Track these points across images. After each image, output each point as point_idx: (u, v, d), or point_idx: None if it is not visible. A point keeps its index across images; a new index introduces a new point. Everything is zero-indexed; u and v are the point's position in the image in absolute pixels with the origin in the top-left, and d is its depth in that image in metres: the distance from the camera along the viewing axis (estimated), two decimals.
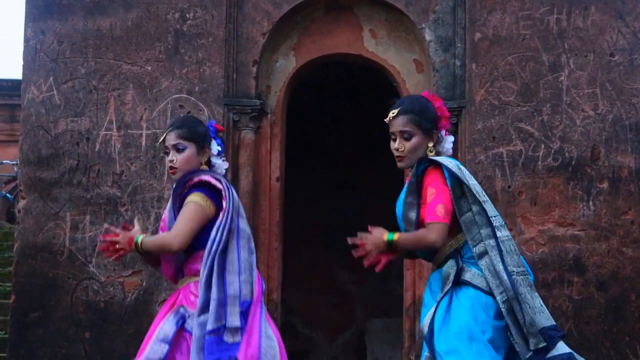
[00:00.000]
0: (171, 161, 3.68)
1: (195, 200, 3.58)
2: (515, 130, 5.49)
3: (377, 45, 6.02)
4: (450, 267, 3.35)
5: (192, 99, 5.63)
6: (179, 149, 3.67)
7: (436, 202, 3.32)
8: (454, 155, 5.56)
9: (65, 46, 5.77)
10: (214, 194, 3.62)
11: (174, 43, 5.71)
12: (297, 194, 7.22)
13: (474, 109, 5.52)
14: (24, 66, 5.83)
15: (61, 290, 5.61)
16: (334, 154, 9.07)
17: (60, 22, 5.79)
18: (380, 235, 3.42)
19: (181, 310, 3.56)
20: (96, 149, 5.68)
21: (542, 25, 5.58)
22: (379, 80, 6.68)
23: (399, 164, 3.53)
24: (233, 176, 5.69)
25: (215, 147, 3.78)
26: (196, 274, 3.57)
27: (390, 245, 3.39)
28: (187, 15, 5.73)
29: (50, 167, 5.70)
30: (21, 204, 5.74)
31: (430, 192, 3.35)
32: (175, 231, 3.54)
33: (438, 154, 3.48)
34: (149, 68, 5.70)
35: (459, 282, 3.32)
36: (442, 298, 3.31)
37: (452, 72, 5.75)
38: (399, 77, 5.98)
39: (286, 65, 6.04)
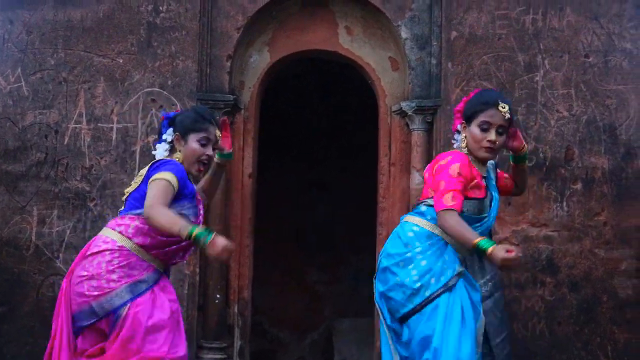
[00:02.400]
0: (211, 157, 3.82)
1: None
2: None
3: (352, 42, 5.98)
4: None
5: (165, 93, 5.53)
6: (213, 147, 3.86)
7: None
8: (429, 155, 5.60)
9: (34, 36, 5.65)
10: None
11: (147, 36, 5.62)
12: (266, 192, 7.15)
13: (449, 107, 5.49)
14: None
15: (27, 285, 5.49)
16: (305, 152, 9.01)
17: (30, 11, 5.67)
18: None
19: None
20: (65, 142, 5.56)
21: (517, 25, 5.57)
22: (352, 78, 6.65)
23: (487, 155, 3.78)
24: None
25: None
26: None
27: None
28: (160, 8, 5.63)
29: (17, 160, 5.58)
30: None
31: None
32: None
33: None
34: (121, 61, 5.60)
35: None
36: None
37: (428, 71, 5.72)
38: (374, 75, 5.94)
39: (260, 60, 5.97)
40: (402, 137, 5.81)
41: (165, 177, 3.60)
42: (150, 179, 3.64)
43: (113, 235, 3.68)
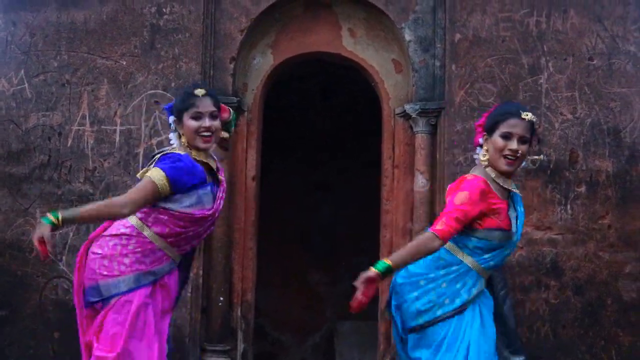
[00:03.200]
0: (209, 128, 3.72)
1: None
2: None
3: (355, 45, 5.97)
4: None
5: (168, 95, 5.51)
6: (214, 116, 3.77)
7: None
8: (433, 157, 5.59)
9: (37, 38, 5.64)
10: None
11: (150, 38, 5.61)
12: (269, 194, 7.14)
13: (453, 110, 5.49)
14: None
15: (30, 288, 5.49)
16: (308, 154, 9.00)
17: (33, 13, 5.67)
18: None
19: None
20: (68, 145, 5.56)
21: (521, 28, 5.56)
22: (356, 80, 6.64)
23: (509, 167, 3.68)
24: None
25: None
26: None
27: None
28: (164, 10, 5.63)
29: (20, 162, 5.57)
30: None
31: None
32: None
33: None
34: (124, 63, 5.59)
35: None
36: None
37: (432, 73, 5.70)
38: (378, 77, 5.93)
39: (263, 62, 5.96)
40: (405, 140, 5.80)
41: (152, 175, 3.63)
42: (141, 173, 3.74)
43: (133, 221, 3.72)
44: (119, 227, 3.73)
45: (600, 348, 5.38)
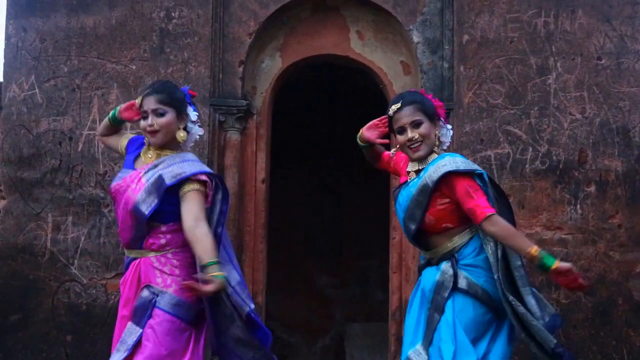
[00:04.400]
0: (151, 125, 3.59)
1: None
2: (503, 133, 5.48)
3: (364, 47, 5.99)
4: (446, 272, 3.48)
5: None
6: (159, 114, 3.61)
7: (483, 197, 3.45)
8: None
9: (47, 44, 5.68)
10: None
11: (159, 42, 5.64)
12: (276, 197, 7.16)
13: (462, 111, 5.50)
14: (5, 64, 5.73)
15: (42, 292, 5.51)
16: (315, 156, 9.02)
17: (43, 19, 5.70)
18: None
19: (145, 293, 3.52)
20: (79, 149, 5.59)
21: (529, 28, 5.57)
22: (361, 82, 6.66)
23: (417, 154, 3.61)
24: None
25: (192, 114, 3.76)
26: (157, 249, 3.55)
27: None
28: (173, 14, 5.66)
29: (31, 167, 5.61)
30: (1, 204, 5.63)
31: (467, 193, 3.45)
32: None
33: (441, 143, 3.65)
34: (134, 67, 5.62)
35: (455, 287, 3.45)
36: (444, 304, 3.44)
37: (440, 74, 5.72)
38: (386, 79, 5.94)
39: (272, 65, 5.99)
40: None
41: None
42: None
43: None
44: None
45: (612, 348, 5.38)
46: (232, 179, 5.68)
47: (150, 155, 3.66)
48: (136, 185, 3.55)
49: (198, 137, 3.82)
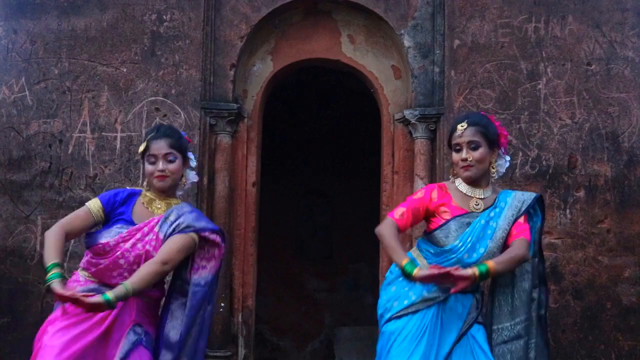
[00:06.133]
0: (162, 170, 3.63)
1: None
2: None
3: (355, 51, 6.00)
4: (474, 305, 3.69)
5: (168, 101, 5.54)
6: (170, 160, 3.66)
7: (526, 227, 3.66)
8: (432, 163, 5.61)
9: (38, 46, 5.66)
10: None
11: (150, 45, 5.63)
12: (267, 200, 7.16)
13: (452, 115, 5.50)
14: None
15: (31, 295, 5.49)
16: (305, 159, 9.02)
17: (33, 21, 5.68)
18: (471, 272, 3.46)
19: (138, 329, 3.59)
20: (69, 152, 5.57)
21: (520, 34, 5.59)
22: (352, 86, 6.67)
23: (465, 174, 3.71)
24: (209, 181, 5.62)
25: (193, 161, 3.83)
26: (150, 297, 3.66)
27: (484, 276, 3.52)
28: (164, 17, 5.65)
29: (21, 169, 5.58)
30: None
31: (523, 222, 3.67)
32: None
33: (496, 172, 3.77)
34: (125, 70, 5.61)
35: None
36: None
37: (431, 79, 5.73)
38: (377, 83, 5.96)
39: (263, 69, 5.99)
40: (405, 145, 5.82)
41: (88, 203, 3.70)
42: None
43: None
44: None
45: (600, 352, 5.40)
46: (222, 182, 5.68)
47: (159, 206, 3.69)
48: (152, 237, 3.58)
49: (191, 184, 3.88)
